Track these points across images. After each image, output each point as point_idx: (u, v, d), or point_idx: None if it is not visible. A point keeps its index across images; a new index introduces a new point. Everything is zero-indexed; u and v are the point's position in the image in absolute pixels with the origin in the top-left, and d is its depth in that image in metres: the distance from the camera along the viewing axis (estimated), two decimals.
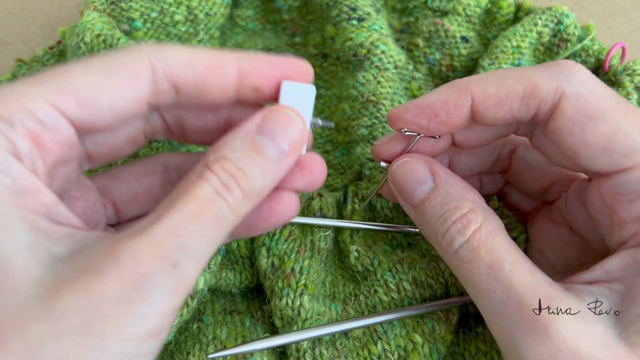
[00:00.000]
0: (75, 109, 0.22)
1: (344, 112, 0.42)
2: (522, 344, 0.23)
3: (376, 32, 0.42)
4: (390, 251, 0.35)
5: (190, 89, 0.24)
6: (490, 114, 0.26)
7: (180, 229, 0.20)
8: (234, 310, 0.33)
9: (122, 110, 0.23)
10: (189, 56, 0.24)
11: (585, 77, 0.25)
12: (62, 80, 0.21)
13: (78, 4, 0.50)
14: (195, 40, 0.42)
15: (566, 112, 0.24)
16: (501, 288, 0.24)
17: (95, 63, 0.22)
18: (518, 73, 0.26)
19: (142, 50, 0.23)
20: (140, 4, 0.40)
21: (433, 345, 0.30)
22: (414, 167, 0.28)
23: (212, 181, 0.22)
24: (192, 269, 0.21)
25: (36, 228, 0.20)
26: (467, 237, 0.26)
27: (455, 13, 0.44)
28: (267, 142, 0.23)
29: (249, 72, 0.24)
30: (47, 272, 0.19)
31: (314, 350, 0.30)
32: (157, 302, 0.19)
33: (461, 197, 0.27)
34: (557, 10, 0.41)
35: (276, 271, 0.33)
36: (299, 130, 0.25)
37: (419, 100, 0.27)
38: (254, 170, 0.23)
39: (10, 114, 0.20)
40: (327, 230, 0.34)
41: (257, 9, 0.48)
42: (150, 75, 0.23)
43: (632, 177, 0.23)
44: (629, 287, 0.24)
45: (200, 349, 0.30)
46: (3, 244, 0.19)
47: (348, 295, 0.33)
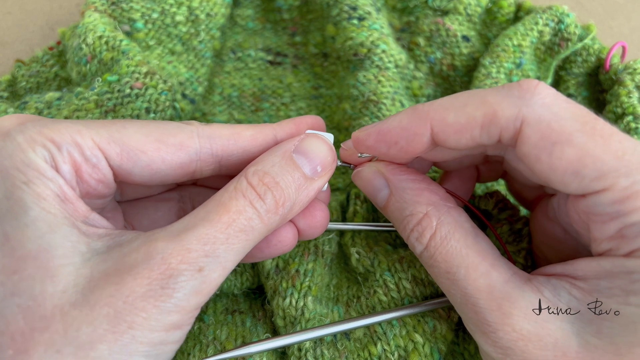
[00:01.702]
0: (117, 157, 0.24)
1: (345, 111, 0.42)
2: (480, 339, 0.25)
3: (377, 31, 0.42)
4: (392, 250, 0.35)
5: (232, 160, 0.28)
6: (452, 141, 0.25)
7: (210, 237, 0.22)
8: (235, 310, 0.33)
9: (160, 171, 0.26)
10: (234, 133, 0.27)
11: (547, 98, 0.24)
12: (115, 131, 0.25)
13: (78, 4, 0.50)
14: (196, 40, 0.42)
15: (529, 139, 0.23)
16: (459, 292, 0.25)
17: (150, 126, 0.26)
18: (478, 99, 0.25)
19: (192, 125, 0.27)
20: (141, 4, 0.40)
21: (434, 345, 0.30)
22: (368, 177, 0.29)
23: (247, 194, 0.24)
24: (216, 274, 0.23)
25: (77, 226, 0.23)
26: (425, 244, 0.26)
27: (456, 12, 0.44)
28: (303, 161, 0.26)
29: (283, 139, 0.28)
30: (86, 262, 0.22)
31: (315, 351, 0.30)
32: (181, 300, 0.22)
33: (415, 202, 0.27)
34: (557, 9, 0.41)
35: (280, 272, 0.33)
36: (331, 155, 0.28)
37: (380, 126, 0.27)
38: (289, 184, 0.25)
39: (60, 141, 0.23)
40: (330, 233, 0.34)
41: (257, 8, 0.48)
42: (196, 148, 0.26)
43: (603, 199, 0.22)
44: (592, 288, 0.23)
45: (201, 349, 0.30)
46: (48, 234, 0.22)
47: (351, 298, 0.33)
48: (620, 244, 0.23)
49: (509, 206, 0.34)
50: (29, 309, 0.21)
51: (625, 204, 0.22)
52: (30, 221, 0.21)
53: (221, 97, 0.45)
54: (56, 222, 0.22)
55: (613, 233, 0.23)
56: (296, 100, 0.46)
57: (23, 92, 0.43)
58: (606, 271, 0.23)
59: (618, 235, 0.23)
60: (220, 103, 0.45)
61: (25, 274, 0.21)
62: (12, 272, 0.21)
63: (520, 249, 0.32)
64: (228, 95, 0.45)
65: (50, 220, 0.22)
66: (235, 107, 0.45)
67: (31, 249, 0.21)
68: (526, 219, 0.33)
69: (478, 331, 0.25)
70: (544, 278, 0.25)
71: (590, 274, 0.24)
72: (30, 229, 0.21)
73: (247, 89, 0.46)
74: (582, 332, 0.23)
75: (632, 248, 0.22)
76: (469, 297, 0.25)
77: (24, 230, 0.21)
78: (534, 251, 0.32)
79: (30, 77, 0.43)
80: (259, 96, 0.46)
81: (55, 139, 0.23)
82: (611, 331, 0.22)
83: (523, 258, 0.32)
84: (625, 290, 0.22)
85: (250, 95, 0.46)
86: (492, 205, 0.34)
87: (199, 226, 0.23)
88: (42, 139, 0.23)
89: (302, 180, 0.26)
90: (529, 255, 0.32)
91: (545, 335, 0.23)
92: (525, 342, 0.23)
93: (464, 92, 0.26)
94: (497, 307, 0.24)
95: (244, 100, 0.45)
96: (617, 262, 0.23)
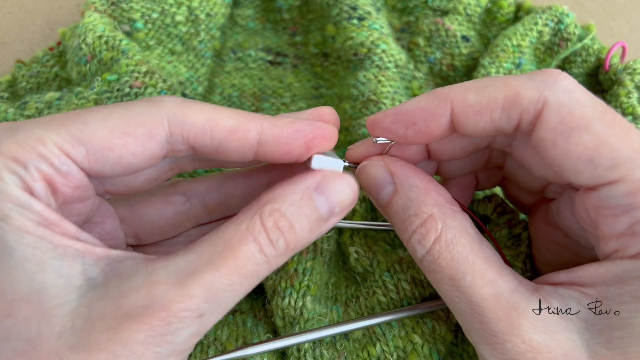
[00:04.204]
0: (84, 159, 0.22)
1: (345, 111, 0.42)
2: (484, 351, 0.24)
3: (377, 31, 0.42)
4: (391, 251, 0.35)
5: (207, 151, 0.25)
6: (471, 124, 0.25)
7: (214, 284, 0.21)
8: (236, 309, 0.34)
9: (132, 165, 0.24)
10: (210, 121, 0.24)
11: (570, 85, 0.24)
12: (77, 130, 0.22)
13: (78, 4, 0.50)
14: (196, 40, 0.42)
15: (549, 122, 0.23)
16: (464, 300, 0.24)
17: (112, 116, 0.23)
18: (500, 81, 0.24)
19: (162, 108, 0.24)
20: (141, 4, 0.40)
21: (433, 346, 0.30)
22: (374, 171, 0.28)
23: (259, 238, 0.22)
24: (215, 317, 0.22)
25: (69, 254, 0.21)
26: (428, 248, 0.25)
27: (455, 12, 0.44)
28: (323, 202, 0.24)
29: (269, 141, 0.25)
30: (82, 299, 0.21)
31: (314, 351, 0.30)
32: (179, 345, 0.21)
33: (420, 201, 0.26)
34: (557, 9, 0.41)
35: (279, 271, 0.33)
36: (353, 197, 0.25)
37: (398, 108, 0.26)
38: (304, 227, 0.24)
39: (25, 158, 0.21)
40: (329, 231, 0.34)
41: (257, 8, 0.48)
42: (166, 136, 0.24)
43: (616, 191, 0.22)
44: (601, 295, 0.23)
45: (202, 350, 0.30)
46: (38, 274, 0.20)
47: (350, 297, 0.33)
48: (630, 242, 0.22)
49: (507, 210, 0.34)
50: (26, 354, 0.20)
51: (638, 197, 0.21)
52: (16, 263, 0.20)
53: (221, 97, 0.45)
54: (45, 259, 0.20)
55: (624, 229, 0.22)
56: (296, 100, 0.46)
57: (23, 92, 0.43)
58: (615, 276, 0.23)
59: (628, 232, 0.22)
60: (220, 103, 0.45)
61: (19, 318, 0.20)
62: (5, 316, 0.20)
63: (519, 253, 0.32)
64: (228, 95, 0.46)
65: (38, 258, 0.20)
66: (235, 107, 0.45)
67: (23, 292, 0.20)
68: (525, 223, 0.33)
69: (483, 342, 0.24)
70: (551, 287, 0.24)
71: (599, 281, 0.23)
72: (18, 271, 0.20)
73: (248, 89, 0.46)
74: (592, 342, 0.22)
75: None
76: (475, 305, 0.24)
77: (11, 274, 0.20)
78: (534, 255, 0.32)
79: (30, 77, 0.43)
80: (259, 96, 0.46)
81: (18, 157, 0.21)
82: (621, 341, 0.22)
83: (522, 262, 0.32)
84: (636, 296, 0.22)
85: (250, 95, 0.46)
86: (491, 209, 0.34)
87: (203, 271, 0.21)
88: (5, 160, 0.21)
89: (317, 222, 0.24)
90: (528, 259, 0.32)
91: (554, 347, 0.22)
92: (534, 354, 0.22)
93: (485, 77, 0.26)
94: (505, 318, 0.23)
95: (244, 100, 0.45)
96: (627, 265, 0.22)
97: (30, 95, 0.40)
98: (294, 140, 0.25)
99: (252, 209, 0.23)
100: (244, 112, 0.25)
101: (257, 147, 0.25)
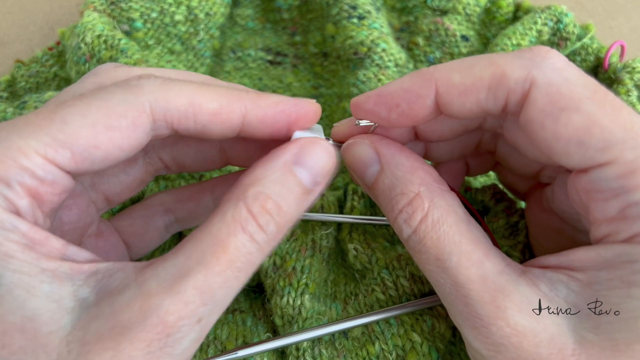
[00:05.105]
0: (71, 162, 0.21)
1: (345, 110, 0.42)
2: (469, 334, 0.23)
3: (376, 30, 0.42)
4: (390, 247, 0.35)
5: (190, 133, 0.24)
6: (456, 105, 0.23)
7: (207, 283, 0.20)
8: (236, 309, 0.33)
9: (119, 158, 0.23)
10: (193, 105, 0.23)
11: (559, 63, 0.22)
12: (57, 132, 0.21)
13: (77, 4, 0.50)
14: (196, 40, 0.42)
15: (537, 103, 0.22)
16: (449, 281, 0.23)
17: (91, 109, 0.22)
18: (486, 60, 0.23)
19: (142, 94, 0.22)
20: (140, 4, 0.40)
21: (432, 344, 0.30)
22: (359, 149, 0.27)
23: (248, 227, 0.21)
24: (214, 317, 0.22)
25: (58, 276, 0.20)
26: (414, 227, 0.24)
27: (455, 12, 0.44)
28: (304, 173, 0.23)
29: (253, 122, 0.24)
30: (76, 322, 0.20)
31: (313, 350, 0.30)
32: (180, 354, 0.21)
33: (407, 180, 0.25)
34: (556, 9, 0.42)
35: (278, 270, 0.33)
36: (331, 163, 0.25)
37: (381, 89, 0.25)
38: (291, 204, 0.23)
39: (7, 175, 0.20)
40: (328, 228, 0.34)
41: (256, 7, 0.48)
42: (150, 124, 0.23)
43: (607, 173, 0.21)
44: (591, 280, 0.22)
45: (201, 349, 0.30)
46: (28, 301, 0.19)
47: (349, 295, 0.33)
48: (621, 227, 0.22)
49: (505, 198, 0.34)
50: None
51: (630, 179, 0.21)
52: (5, 291, 0.19)
53: None
54: (34, 284, 0.20)
55: (615, 213, 0.22)
56: None
57: (22, 92, 0.43)
58: (605, 261, 0.22)
59: (620, 216, 0.21)
60: None
61: (15, 348, 0.19)
62: (0, 347, 0.19)
63: (516, 242, 0.32)
64: None
65: (27, 284, 0.19)
66: None
67: (15, 322, 0.19)
68: (522, 212, 0.33)
69: (467, 325, 0.23)
70: (540, 271, 0.23)
71: (589, 265, 0.22)
72: (7, 300, 0.19)
73: None
74: (579, 327, 0.22)
75: (634, 232, 0.21)
76: (460, 287, 0.23)
77: (2, 303, 0.19)
78: (532, 244, 0.32)
79: (29, 77, 0.43)
80: None
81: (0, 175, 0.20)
82: (610, 327, 0.21)
83: (520, 252, 0.31)
84: (626, 281, 0.21)
85: None
86: (489, 196, 0.34)
87: (194, 272, 0.20)
88: None
89: (303, 195, 0.23)
90: (526, 249, 0.32)
91: (540, 331, 0.22)
92: (519, 338, 0.22)
93: (471, 56, 0.25)
94: (491, 300, 0.22)
95: None
96: (617, 249, 0.22)
97: (30, 94, 0.40)
98: (277, 122, 0.25)
99: (234, 195, 0.22)
100: (227, 90, 0.24)
101: (241, 127, 0.24)
